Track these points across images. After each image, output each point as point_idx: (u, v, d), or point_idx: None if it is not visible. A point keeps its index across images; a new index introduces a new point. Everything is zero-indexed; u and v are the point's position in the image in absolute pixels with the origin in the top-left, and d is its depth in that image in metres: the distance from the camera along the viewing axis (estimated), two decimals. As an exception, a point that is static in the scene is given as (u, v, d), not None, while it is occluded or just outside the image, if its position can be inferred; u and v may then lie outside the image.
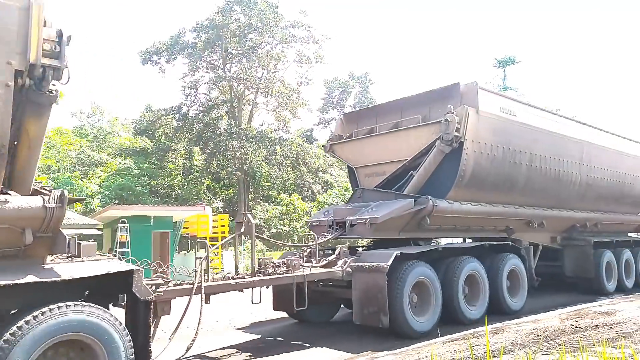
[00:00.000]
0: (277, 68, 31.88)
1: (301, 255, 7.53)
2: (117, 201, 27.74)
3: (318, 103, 47.29)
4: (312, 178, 36.94)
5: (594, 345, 5.68)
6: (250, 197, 33.46)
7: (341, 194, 34.28)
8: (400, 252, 6.96)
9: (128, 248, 16.19)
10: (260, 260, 6.97)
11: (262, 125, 33.76)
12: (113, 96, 72.92)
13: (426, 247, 7.80)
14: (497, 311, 8.61)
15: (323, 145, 10.00)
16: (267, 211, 33.91)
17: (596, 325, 7.09)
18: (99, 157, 33.66)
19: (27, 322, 3.77)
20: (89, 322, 4.04)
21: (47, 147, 31.67)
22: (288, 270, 6.58)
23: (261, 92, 31.64)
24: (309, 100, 40.09)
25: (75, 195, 24.21)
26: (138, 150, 34.98)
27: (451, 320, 7.67)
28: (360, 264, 6.96)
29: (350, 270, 7.02)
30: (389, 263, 6.68)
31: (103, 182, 30.63)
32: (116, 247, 16.59)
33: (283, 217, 34.19)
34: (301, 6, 70.63)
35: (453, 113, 7.90)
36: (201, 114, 31.85)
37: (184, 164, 34.87)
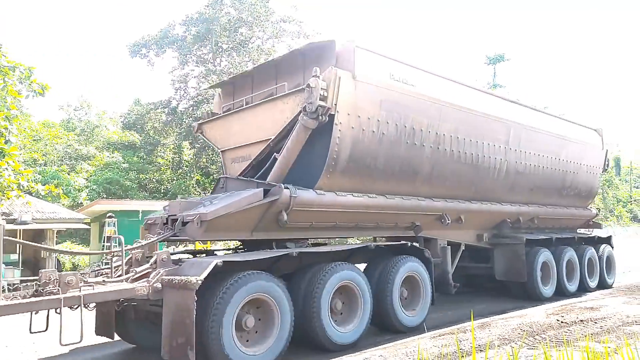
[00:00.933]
0: (268, 62, 31.86)
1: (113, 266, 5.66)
2: (104, 195, 27.54)
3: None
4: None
5: (578, 340, 5.72)
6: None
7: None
8: (223, 261, 5.11)
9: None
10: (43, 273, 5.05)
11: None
12: (113, 96, 72.63)
13: (268, 252, 5.91)
14: (386, 328, 6.88)
15: (191, 126, 8.10)
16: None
17: (581, 321, 7.14)
18: (86, 150, 33.24)
19: None
20: None
21: (34, 140, 31.45)
22: (52, 291, 4.67)
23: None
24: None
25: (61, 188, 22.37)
26: (126, 144, 34.55)
27: (310, 348, 5.90)
28: (172, 277, 5.10)
29: (160, 285, 5.15)
30: (202, 276, 4.82)
31: (91, 176, 30.19)
32: (104, 242, 16.40)
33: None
34: (292, 1, 69.41)
35: (318, 77, 6.07)
36: (191, 108, 31.40)
37: (173, 158, 34.56)
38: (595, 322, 7.03)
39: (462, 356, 5.26)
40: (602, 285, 11.71)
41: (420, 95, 7.32)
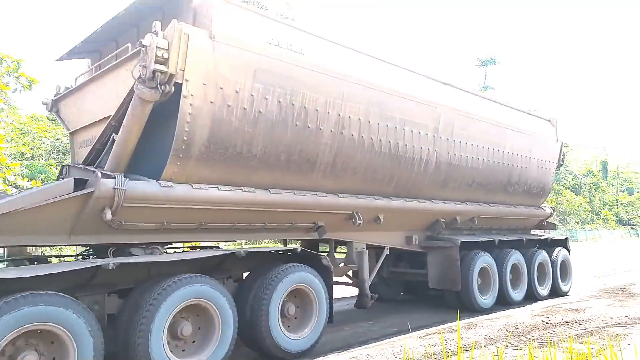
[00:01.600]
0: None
1: None
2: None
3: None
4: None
5: (562, 341, 5.87)
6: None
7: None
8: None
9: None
10: None
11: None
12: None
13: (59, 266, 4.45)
14: (266, 355, 5.53)
15: (43, 103, 6.59)
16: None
17: (566, 322, 7.33)
18: (76, 145, 31.70)
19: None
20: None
21: (22, 133, 29.73)
22: None
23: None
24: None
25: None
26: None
27: None
28: None
29: None
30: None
31: (80, 170, 28.78)
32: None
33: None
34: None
35: (155, 33, 4.65)
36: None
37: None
38: (580, 324, 7.22)
39: (449, 356, 5.34)
40: (556, 292, 10.56)
41: (314, 66, 5.93)
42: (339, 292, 8.53)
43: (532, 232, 11.59)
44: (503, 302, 9.06)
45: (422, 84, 7.84)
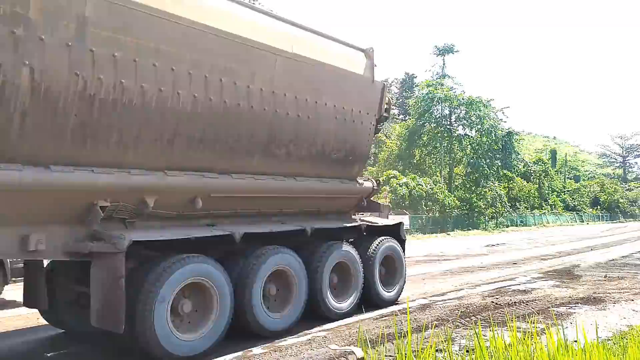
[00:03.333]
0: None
1: None
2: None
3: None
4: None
5: (510, 320, 6.06)
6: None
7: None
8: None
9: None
10: None
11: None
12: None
13: None
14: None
15: None
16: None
17: (514, 303, 7.62)
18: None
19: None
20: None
21: None
22: None
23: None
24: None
25: None
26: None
27: None
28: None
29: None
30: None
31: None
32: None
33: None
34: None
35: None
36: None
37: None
38: (527, 304, 7.49)
39: (403, 336, 5.39)
40: (373, 302, 7.30)
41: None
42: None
43: (357, 216, 8.03)
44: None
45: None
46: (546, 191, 58.42)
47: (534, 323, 5.60)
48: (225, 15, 5.60)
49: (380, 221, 8.04)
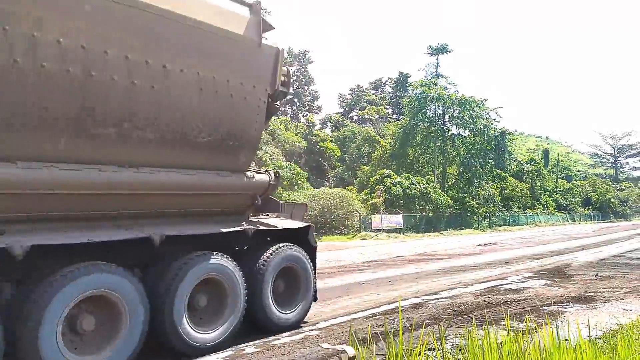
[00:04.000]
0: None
1: None
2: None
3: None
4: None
5: (503, 319, 6.06)
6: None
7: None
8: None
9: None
10: None
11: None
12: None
13: None
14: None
15: None
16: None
17: (506, 302, 7.69)
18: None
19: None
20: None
21: None
22: None
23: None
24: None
25: None
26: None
27: None
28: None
29: None
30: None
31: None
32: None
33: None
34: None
35: None
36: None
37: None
38: (519, 303, 7.56)
39: (395, 335, 5.40)
40: (262, 327, 5.83)
41: None
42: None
43: (256, 218, 6.40)
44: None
45: None
46: (538, 191, 58.75)
47: (525, 322, 5.65)
48: None
49: (283, 224, 6.32)
